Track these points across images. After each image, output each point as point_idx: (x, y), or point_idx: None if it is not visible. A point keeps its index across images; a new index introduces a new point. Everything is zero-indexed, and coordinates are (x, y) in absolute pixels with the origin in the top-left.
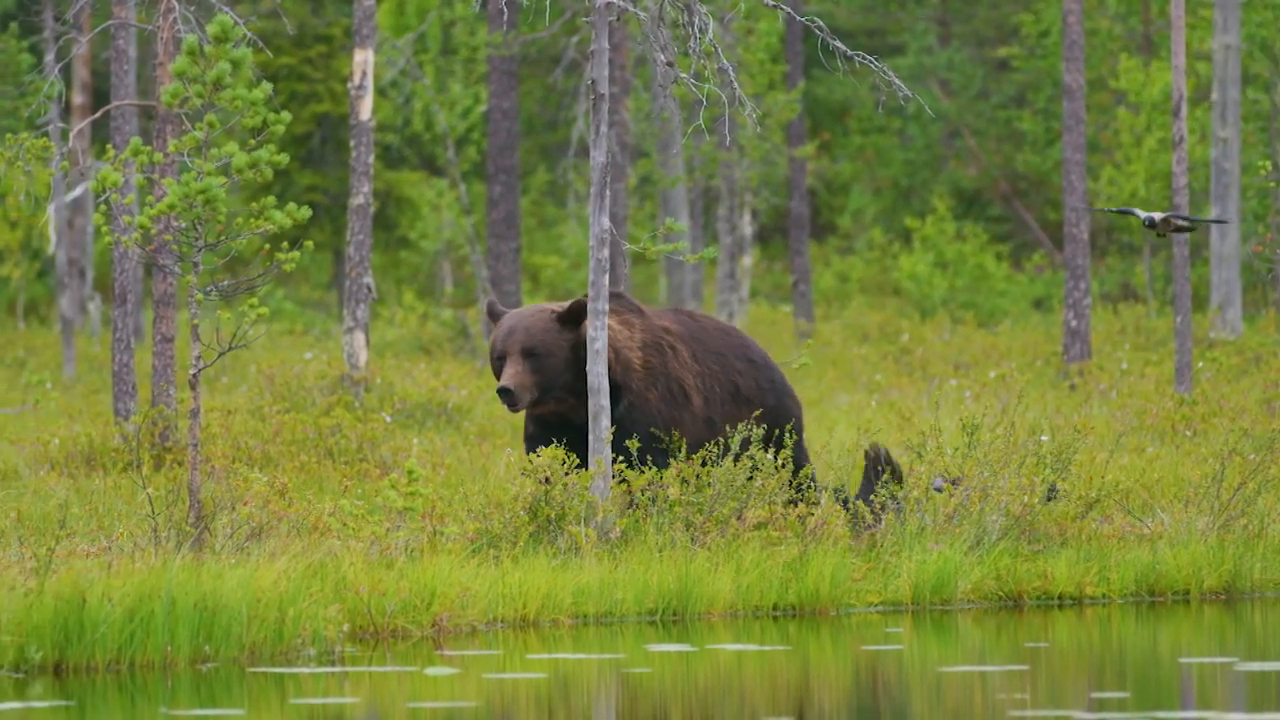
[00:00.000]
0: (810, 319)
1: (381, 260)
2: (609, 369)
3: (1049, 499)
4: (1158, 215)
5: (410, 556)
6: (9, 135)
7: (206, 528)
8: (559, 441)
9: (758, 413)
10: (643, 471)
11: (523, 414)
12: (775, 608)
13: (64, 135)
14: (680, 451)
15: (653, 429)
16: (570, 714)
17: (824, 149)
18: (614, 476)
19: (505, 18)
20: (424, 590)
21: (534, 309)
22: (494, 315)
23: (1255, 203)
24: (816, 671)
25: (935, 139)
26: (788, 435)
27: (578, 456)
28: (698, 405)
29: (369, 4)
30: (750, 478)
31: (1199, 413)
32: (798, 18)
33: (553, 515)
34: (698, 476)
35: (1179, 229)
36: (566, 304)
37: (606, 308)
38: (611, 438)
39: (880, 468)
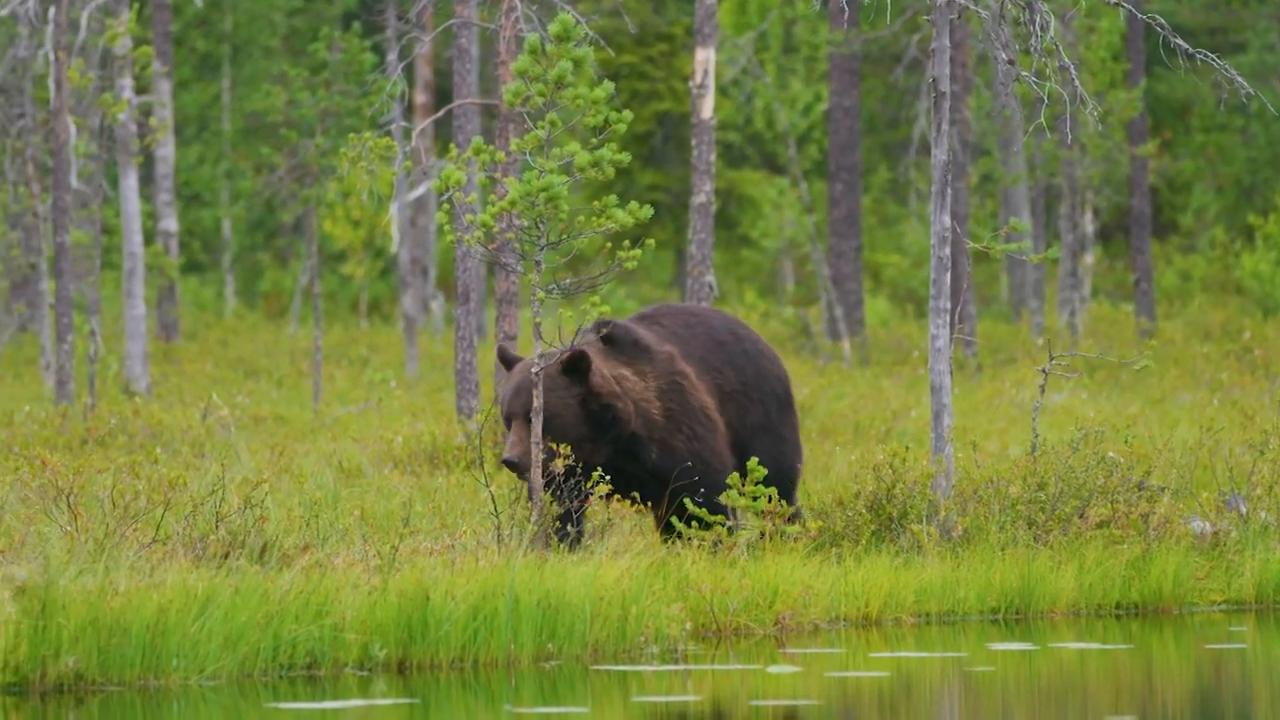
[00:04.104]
0: (1152, 317)
1: (723, 258)
2: (629, 419)
3: None
4: None
5: (752, 555)
6: (352, 135)
7: (550, 526)
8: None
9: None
10: (698, 511)
11: None
12: (1118, 606)
13: (407, 134)
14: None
15: (688, 466)
16: (912, 713)
17: (1165, 147)
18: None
19: (846, 16)
20: (766, 588)
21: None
22: (506, 362)
23: None
24: (1159, 671)
25: (1278, 137)
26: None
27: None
28: (722, 426)
29: (710, 3)
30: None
31: None
32: (1139, 15)
33: (895, 513)
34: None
35: None
36: (566, 355)
37: (948, 305)
38: (648, 484)
39: None
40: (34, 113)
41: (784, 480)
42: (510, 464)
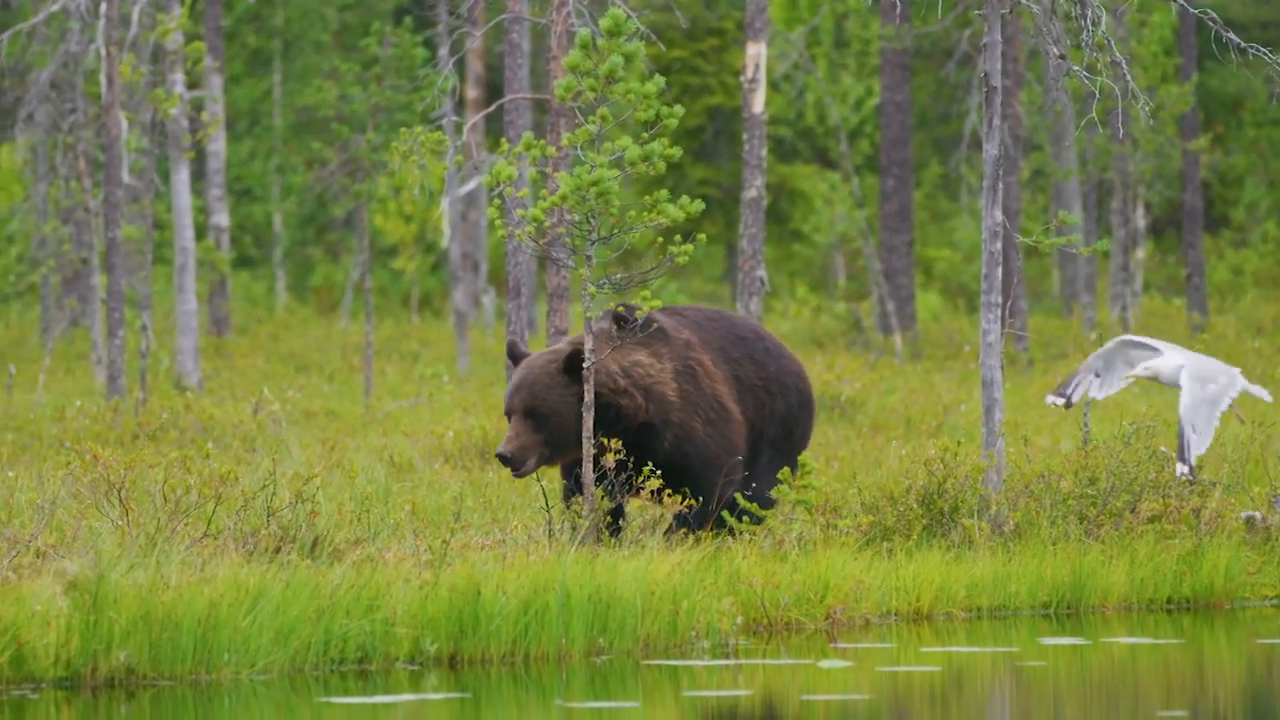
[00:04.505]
0: (1204, 312)
1: (774, 253)
2: (638, 410)
3: None
4: None
5: (803, 549)
6: (403, 129)
7: (601, 521)
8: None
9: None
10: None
11: None
12: (1169, 601)
13: (458, 129)
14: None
15: (707, 455)
16: (964, 708)
17: (1217, 141)
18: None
19: (898, 11)
20: (817, 583)
21: (545, 359)
22: (514, 358)
23: None
24: (1211, 666)
25: None
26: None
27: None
28: (737, 415)
29: None
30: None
31: None
32: (1191, 10)
33: (946, 508)
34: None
35: None
36: (565, 352)
37: (999, 300)
38: (657, 473)
39: None
40: (85, 108)
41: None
42: (503, 458)
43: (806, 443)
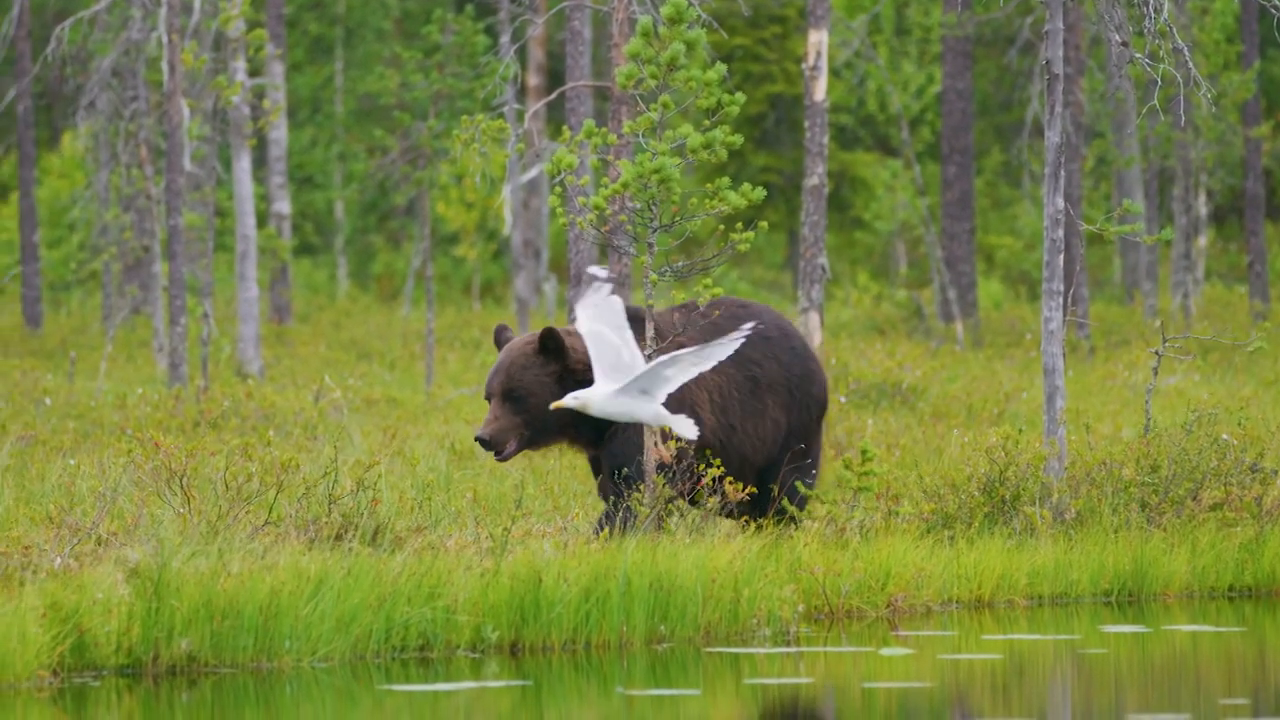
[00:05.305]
0: (1265, 299)
1: (836, 241)
2: None
3: None
4: None
5: (865, 537)
6: (465, 117)
7: (662, 508)
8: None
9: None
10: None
11: None
12: (1231, 589)
13: (519, 117)
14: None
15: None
16: (1025, 695)
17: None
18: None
19: None
20: (879, 571)
21: (523, 341)
22: (499, 343)
23: None
24: (1272, 653)
25: None
26: (812, 419)
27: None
28: (709, 421)
29: None
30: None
31: None
32: None
33: (1008, 496)
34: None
35: None
36: (541, 333)
37: (1061, 287)
38: (606, 451)
39: None
40: (147, 95)
41: (810, 486)
42: (482, 441)
43: (820, 446)
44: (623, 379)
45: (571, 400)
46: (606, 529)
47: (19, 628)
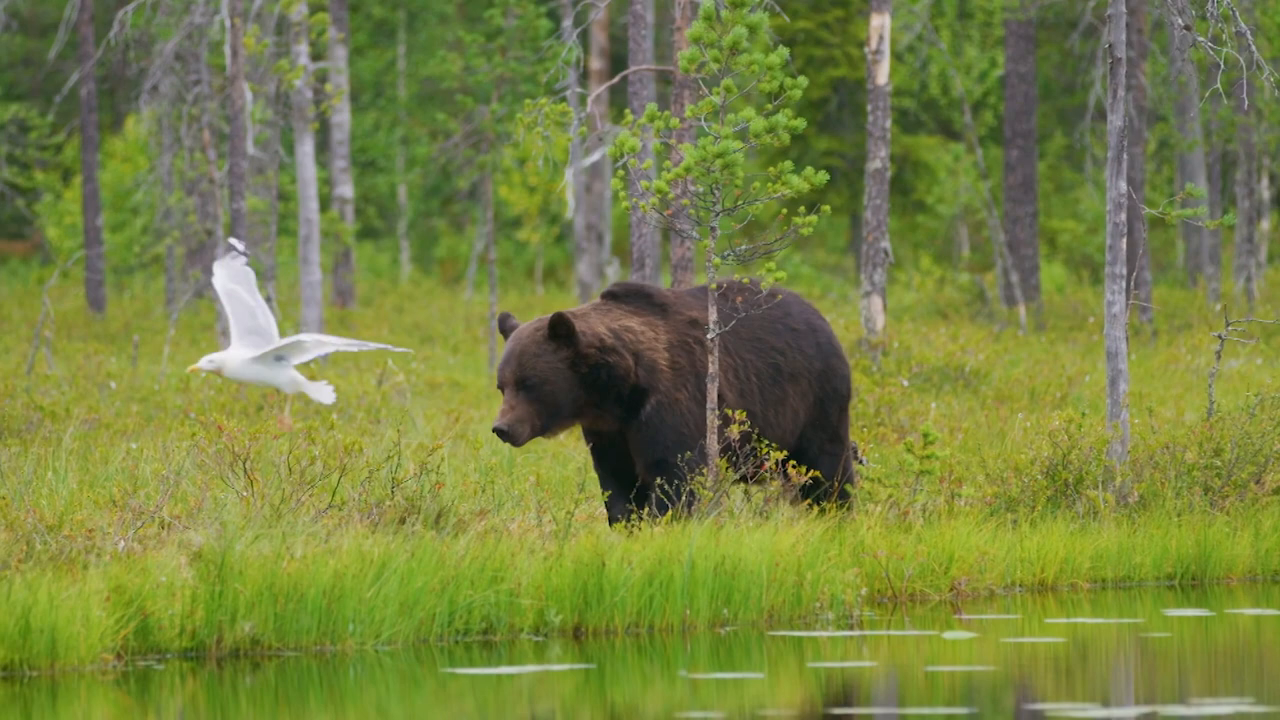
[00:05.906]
0: None
1: (898, 224)
2: (628, 374)
3: None
4: None
5: (928, 520)
6: (528, 101)
7: (725, 493)
8: (611, 455)
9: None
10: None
11: None
12: None
13: (582, 100)
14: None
15: (683, 430)
16: (1089, 679)
17: None
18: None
19: None
20: (941, 554)
21: (532, 328)
22: (504, 331)
23: None
24: None
25: None
26: (833, 411)
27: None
28: (730, 401)
29: None
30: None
31: None
32: None
33: (1070, 479)
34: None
35: None
36: (549, 318)
37: (1124, 271)
38: (638, 439)
39: None
40: (210, 79)
41: (847, 481)
42: (500, 433)
43: (848, 436)
44: (260, 344)
45: (206, 363)
46: (669, 511)
47: (83, 611)
